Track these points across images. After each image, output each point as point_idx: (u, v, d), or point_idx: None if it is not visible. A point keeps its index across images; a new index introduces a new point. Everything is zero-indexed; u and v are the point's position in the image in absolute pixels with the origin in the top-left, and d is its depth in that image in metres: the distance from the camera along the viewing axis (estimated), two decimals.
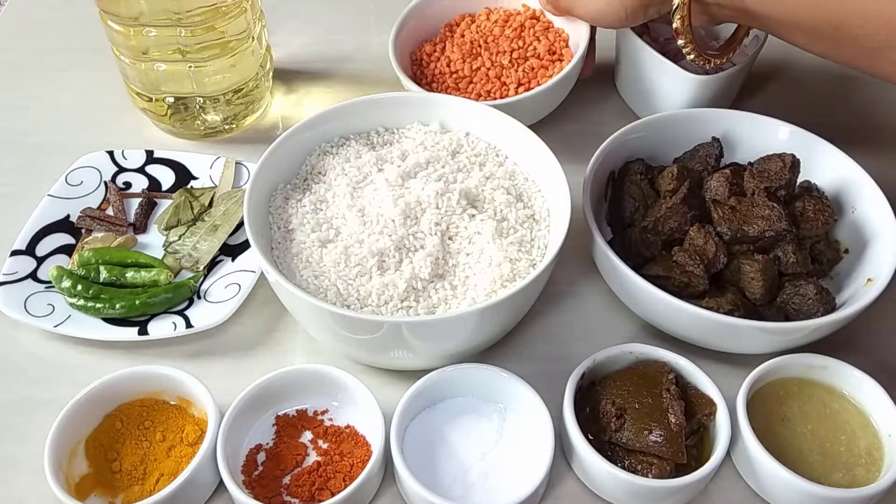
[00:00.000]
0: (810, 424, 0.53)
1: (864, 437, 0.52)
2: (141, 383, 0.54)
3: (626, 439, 0.51)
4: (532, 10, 0.78)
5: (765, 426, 0.52)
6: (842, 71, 0.84)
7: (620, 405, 0.52)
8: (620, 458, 0.51)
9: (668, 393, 0.51)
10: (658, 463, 0.50)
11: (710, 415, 0.52)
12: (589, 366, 0.53)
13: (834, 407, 0.54)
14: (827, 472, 0.51)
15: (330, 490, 0.50)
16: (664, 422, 0.50)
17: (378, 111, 0.65)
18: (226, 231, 0.65)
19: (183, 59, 0.69)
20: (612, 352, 0.54)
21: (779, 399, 0.54)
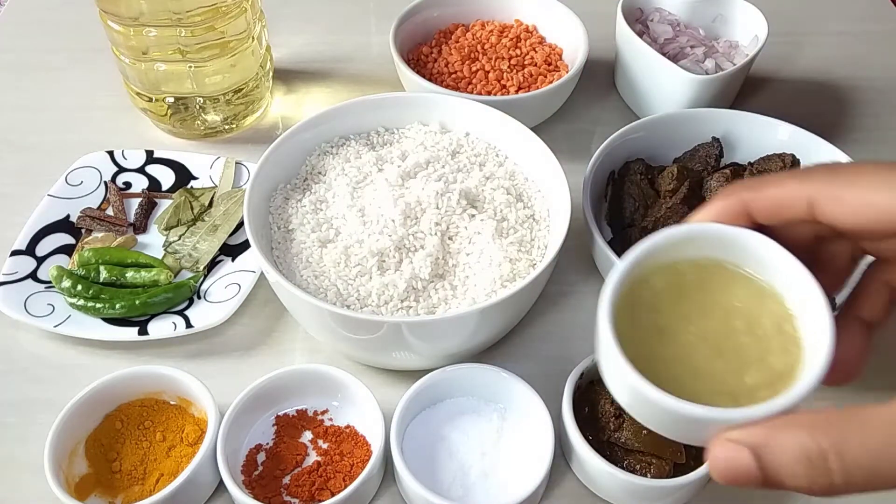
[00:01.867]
0: (692, 325, 0.37)
1: (765, 311, 0.37)
2: (141, 383, 0.54)
3: (624, 439, 0.50)
4: (525, 24, 0.79)
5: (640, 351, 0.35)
6: (842, 71, 0.85)
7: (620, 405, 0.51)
8: (619, 458, 0.51)
9: None
10: (657, 462, 0.50)
11: None
12: (588, 365, 0.53)
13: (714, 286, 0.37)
14: (737, 378, 0.35)
15: (330, 490, 0.50)
16: None
17: (378, 111, 0.65)
18: (226, 231, 0.65)
19: (183, 59, 0.69)
20: None
21: (646, 307, 0.37)
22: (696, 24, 0.79)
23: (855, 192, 0.30)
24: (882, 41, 0.89)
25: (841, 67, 0.85)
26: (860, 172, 0.30)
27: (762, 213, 0.34)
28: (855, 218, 0.30)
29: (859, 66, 0.85)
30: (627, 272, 0.36)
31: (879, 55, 0.87)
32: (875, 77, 0.84)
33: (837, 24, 0.92)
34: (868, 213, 0.30)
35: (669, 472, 0.50)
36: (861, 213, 0.30)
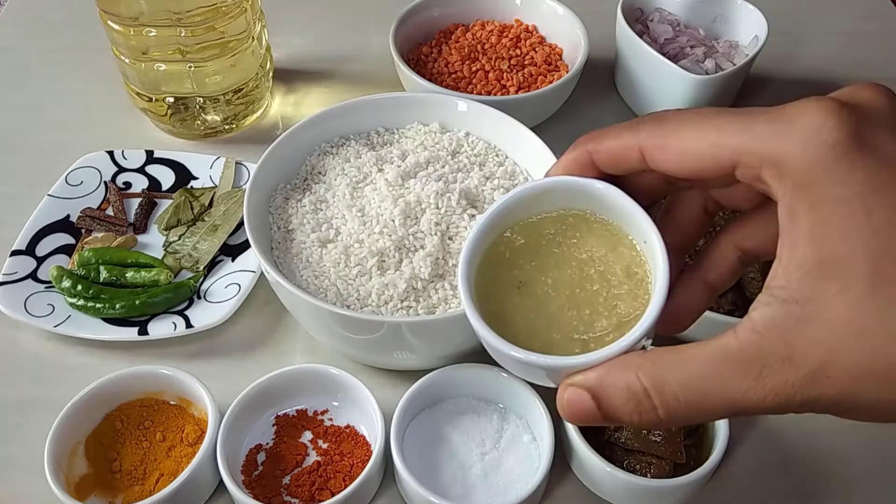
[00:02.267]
0: (548, 277, 0.37)
1: (616, 258, 0.36)
2: (141, 383, 0.54)
3: (624, 439, 0.51)
4: (525, 24, 0.79)
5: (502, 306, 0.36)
6: (842, 71, 0.85)
7: None
8: (619, 458, 0.51)
9: None
10: (657, 462, 0.50)
11: None
12: None
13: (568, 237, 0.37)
14: (588, 325, 0.35)
15: (330, 490, 0.50)
16: None
17: (378, 111, 0.65)
18: (226, 231, 0.65)
19: (183, 59, 0.69)
20: None
21: (506, 263, 0.37)
22: (696, 24, 0.79)
23: (677, 139, 0.31)
24: (882, 41, 0.89)
25: (841, 67, 0.85)
26: (685, 120, 0.31)
27: (604, 164, 0.35)
28: (678, 165, 0.31)
29: (859, 66, 0.85)
30: (484, 231, 0.36)
31: (879, 55, 0.87)
32: (875, 77, 0.83)
33: (837, 24, 0.92)
34: (689, 160, 0.31)
35: (669, 472, 0.50)
36: (683, 159, 0.31)
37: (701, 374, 0.30)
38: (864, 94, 0.30)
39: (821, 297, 0.28)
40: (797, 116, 0.29)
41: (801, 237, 0.29)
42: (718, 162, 0.30)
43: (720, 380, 0.29)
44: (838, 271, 0.28)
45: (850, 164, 0.28)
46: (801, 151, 0.28)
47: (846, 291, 0.28)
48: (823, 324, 0.28)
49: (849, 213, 0.28)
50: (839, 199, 0.28)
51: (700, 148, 0.31)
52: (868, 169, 0.28)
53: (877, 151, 0.28)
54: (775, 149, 0.29)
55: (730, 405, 0.29)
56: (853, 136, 0.28)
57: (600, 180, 0.36)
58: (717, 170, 0.31)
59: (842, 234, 0.28)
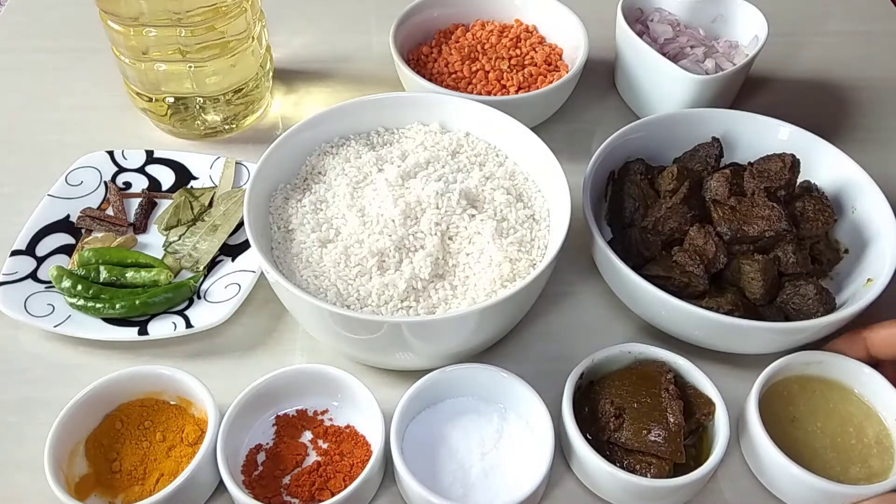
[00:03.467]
0: (819, 422, 0.53)
1: (870, 426, 0.53)
2: (141, 383, 0.54)
3: (624, 439, 0.50)
4: (525, 24, 0.79)
5: (776, 428, 0.52)
6: (842, 71, 0.85)
7: (619, 405, 0.51)
8: (619, 458, 0.51)
9: (667, 393, 0.51)
10: (657, 463, 0.50)
11: (708, 414, 0.51)
12: (588, 365, 0.53)
13: (835, 400, 0.54)
14: (844, 467, 0.51)
15: (330, 490, 0.50)
16: (663, 421, 0.50)
17: (378, 111, 0.65)
18: (226, 231, 0.65)
19: (183, 59, 0.69)
20: (611, 351, 0.54)
21: (784, 400, 0.54)
22: (696, 24, 0.79)
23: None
24: (882, 41, 0.89)
25: (841, 67, 0.85)
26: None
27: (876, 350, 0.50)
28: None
29: (859, 66, 0.85)
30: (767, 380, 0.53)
31: (879, 55, 0.87)
32: (875, 77, 0.84)
33: (837, 24, 0.92)
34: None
35: (669, 473, 0.50)
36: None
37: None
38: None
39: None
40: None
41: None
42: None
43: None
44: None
45: None
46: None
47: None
48: None
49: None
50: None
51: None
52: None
53: None
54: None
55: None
56: None
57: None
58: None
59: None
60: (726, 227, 0.58)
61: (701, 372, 0.53)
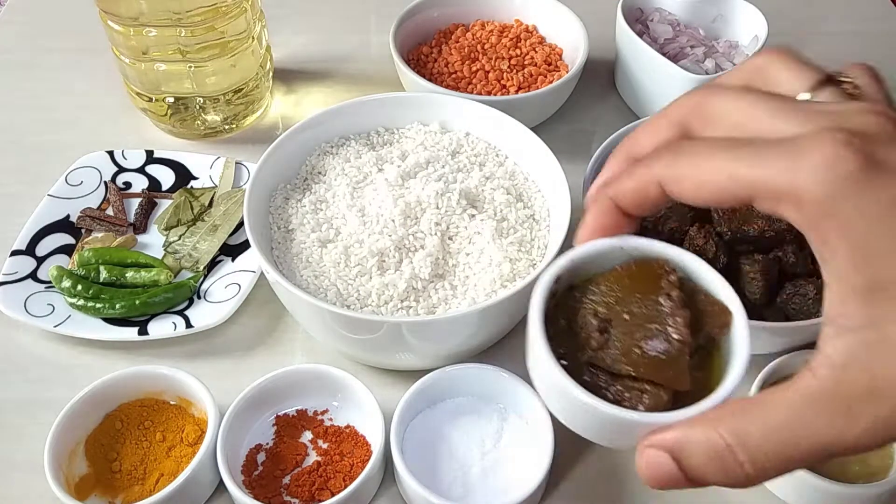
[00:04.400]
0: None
1: None
2: (141, 383, 0.54)
3: (610, 360, 0.36)
4: (525, 24, 0.79)
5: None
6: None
7: (605, 315, 0.37)
8: (603, 386, 0.37)
9: (669, 298, 0.37)
10: (652, 391, 0.36)
11: (723, 326, 0.36)
12: (565, 265, 0.36)
13: None
14: (843, 466, 0.51)
15: (330, 490, 0.50)
16: (662, 337, 0.37)
17: (378, 111, 0.65)
18: (226, 231, 0.65)
19: (183, 59, 0.69)
20: (597, 246, 0.37)
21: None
22: (696, 24, 0.79)
23: (693, 172, 0.32)
24: (882, 41, 0.89)
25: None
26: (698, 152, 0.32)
27: (629, 206, 0.35)
28: (696, 196, 0.32)
29: None
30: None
31: (879, 55, 0.87)
32: None
33: (837, 24, 0.92)
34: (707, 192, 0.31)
35: (668, 404, 0.36)
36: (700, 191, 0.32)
37: (786, 421, 0.29)
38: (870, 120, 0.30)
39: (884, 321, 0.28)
40: (811, 151, 0.29)
41: (844, 264, 0.29)
42: (735, 194, 0.30)
43: (808, 425, 0.28)
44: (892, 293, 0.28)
45: (871, 188, 0.28)
46: (821, 184, 0.28)
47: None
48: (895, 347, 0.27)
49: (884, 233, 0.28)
50: (869, 221, 0.28)
51: (717, 181, 0.31)
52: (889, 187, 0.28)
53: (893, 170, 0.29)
54: (793, 183, 0.29)
55: (823, 449, 0.28)
56: (869, 162, 0.28)
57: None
58: (735, 201, 0.31)
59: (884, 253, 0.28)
60: (726, 227, 0.58)
61: (715, 272, 0.37)
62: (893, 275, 0.28)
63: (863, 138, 0.29)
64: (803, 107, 0.31)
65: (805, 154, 0.29)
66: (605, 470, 0.54)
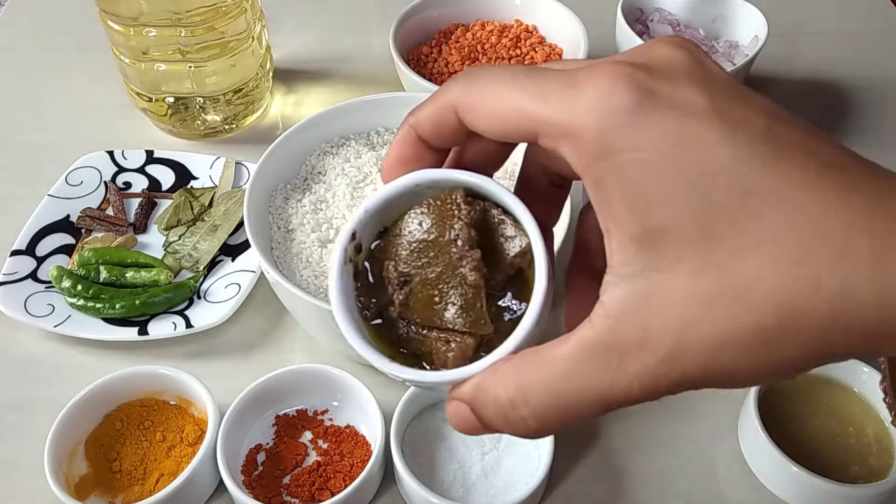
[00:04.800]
0: (818, 421, 0.53)
1: (870, 425, 0.53)
2: (141, 383, 0.54)
3: (415, 313, 0.33)
4: (525, 24, 0.79)
5: (776, 428, 0.52)
6: (842, 71, 0.85)
7: (404, 269, 0.34)
8: (416, 337, 0.33)
9: (458, 240, 0.32)
10: (456, 339, 0.32)
11: (524, 255, 0.33)
12: (361, 218, 0.33)
13: (835, 399, 0.54)
14: (843, 466, 0.51)
15: (330, 490, 0.50)
16: (457, 282, 0.33)
17: (378, 111, 0.64)
18: (226, 231, 0.65)
19: (183, 59, 0.69)
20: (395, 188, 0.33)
21: (784, 399, 0.54)
22: (696, 24, 0.79)
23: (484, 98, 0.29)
24: (882, 41, 0.89)
25: (841, 67, 0.85)
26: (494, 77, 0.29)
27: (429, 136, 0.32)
28: (486, 126, 0.29)
29: (859, 66, 0.85)
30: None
31: (879, 55, 0.87)
32: (875, 77, 0.84)
33: (837, 24, 0.92)
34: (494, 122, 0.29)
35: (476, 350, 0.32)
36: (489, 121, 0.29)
37: (564, 373, 0.27)
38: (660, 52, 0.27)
39: (659, 270, 0.26)
40: (586, 83, 0.26)
41: (619, 210, 0.26)
42: (521, 128, 0.28)
43: (584, 377, 0.27)
44: (667, 240, 0.26)
45: (646, 125, 0.25)
46: (594, 120, 0.26)
47: (681, 260, 0.25)
48: (669, 299, 0.25)
49: (658, 176, 0.25)
50: (644, 163, 0.25)
51: (503, 111, 0.28)
52: (667, 125, 0.25)
53: (675, 106, 0.25)
54: (568, 119, 0.26)
55: (600, 402, 0.27)
56: (647, 96, 0.25)
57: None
58: (522, 136, 0.28)
59: (658, 198, 0.25)
60: None
61: (512, 195, 0.32)
62: (665, 221, 0.25)
63: (646, 71, 0.26)
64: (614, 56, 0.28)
65: (581, 86, 0.26)
66: (605, 470, 0.54)
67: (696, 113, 0.25)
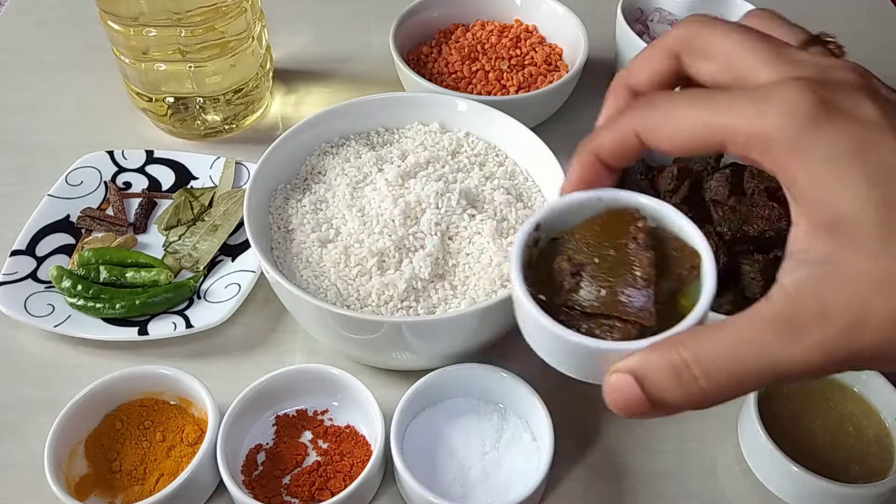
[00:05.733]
0: (818, 420, 0.53)
1: (869, 425, 0.53)
2: (141, 383, 0.54)
3: (582, 300, 0.38)
4: (525, 24, 0.79)
5: (776, 428, 0.52)
6: None
7: (577, 261, 0.40)
8: (577, 324, 0.38)
9: (636, 242, 0.39)
10: (621, 326, 0.38)
11: (693, 269, 0.38)
12: (545, 215, 0.39)
13: (835, 398, 0.54)
14: (843, 466, 0.51)
15: (330, 490, 0.50)
16: (628, 277, 0.38)
17: (378, 111, 0.65)
18: (226, 231, 0.65)
19: (183, 59, 0.69)
20: (576, 198, 0.40)
21: (784, 398, 0.54)
22: None
23: (669, 121, 0.34)
24: (882, 41, 0.89)
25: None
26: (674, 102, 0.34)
27: (610, 158, 0.38)
28: (672, 144, 0.34)
29: None
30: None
31: (879, 55, 0.87)
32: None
33: (837, 24, 0.91)
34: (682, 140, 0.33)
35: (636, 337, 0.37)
36: (676, 140, 0.34)
37: (738, 339, 0.30)
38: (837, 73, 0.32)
39: (840, 255, 0.30)
40: (774, 94, 0.31)
41: (807, 201, 0.31)
42: (709, 141, 0.32)
43: (759, 343, 0.30)
44: (849, 229, 0.29)
45: (831, 130, 0.30)
46: (784, 125, 0.30)
47: (860, 246, 0.29)
48: (848, 279, 0.29)
49: (843, 173, 0.29)
50: (830, 161, 0.30)
51: (692, 130, 0.33)
52: (849, 131, 0.30)
53: (854, 116, 0.30)
54: (760, 127, 0.31)
55: (772, 368, 0.30)
56: (829, 105, 0.30)
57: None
58: (709, 147, 0.33)
59: (841, 192, 0.29)
60: (726, 227, 0.58)
61: (686, 218, 0.40)
62: (849, 211, 0.29)
63: (826, 86, 0.31)
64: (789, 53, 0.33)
65: (771, 99, 0.31)
66: (605, 470, 0.54)
67: (872, 123, 0.30)
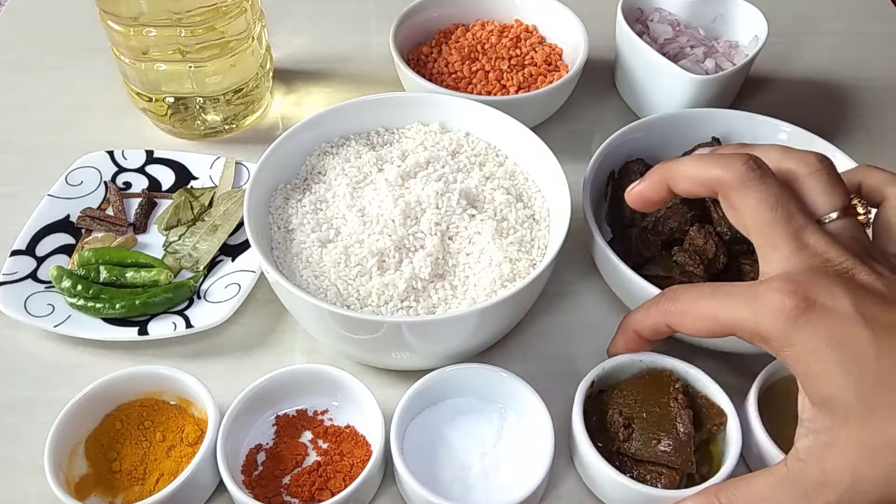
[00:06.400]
0: None
1: None
2: (141, 383, 0.54)
3: (634, 449, 0.50)
4: (525, 24, 0.79)
5: (776, 427, 0.52)
6: (842, 71, 0.85)
7: (628, 415, 0.51)
8: (629, 468, 0.50)
9: (676, 402, 0.51)
10: (667, 472, 0.49)
11: (720, 425, 0.51)
12: (599, 374, 0.53)
13: None
14: None
15: (330, 490, 0.50)
16: (672, 431, 0.50)
17: (378, 111, 0.65)
18: (226, 231, 0.65)
19: (183, 59, 0.69)
20: (621, 360, 0.53)
21: (784, 398, 0.54)
22: (696, 24, 0.79)
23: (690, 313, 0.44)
24: (882, 41, 0.89)
25: (841, 67, 0.85)
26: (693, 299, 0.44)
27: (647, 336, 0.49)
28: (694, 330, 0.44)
29: (859, 66, 0.85)
30: None
31: (879, 55, 0.87)
32: (875, 77, 0.84)
33: (837, 24, 0.92)
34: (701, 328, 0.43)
35: (680, 482, 0.49)
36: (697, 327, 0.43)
37: (763, 496, 0.40)
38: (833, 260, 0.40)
39: (834, 428, 0.37)
40: (764, 297, 0.40)
41: (804, 384, 0.39)
42: (722, 330, 0.42)
43: (778, 500, 0.39)
44: (836, 407, 0.37)
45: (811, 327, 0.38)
46: (774, 323, 0.39)
47: (848, 422, 0.37)
48: (842, 449, 0.37)
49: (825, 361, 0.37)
50: (814, 352, 0.38)
51: (705, 323, 0.43)
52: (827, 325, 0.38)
53: (831, 311, 0.38)
54: (756, 325, 0.40)
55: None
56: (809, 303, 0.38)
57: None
58: (723, 334, 0.42)
59: (827, 379, 0.37)
60: (726, 227, 0.58)
61: (712, 381, 0.52)
62: (833, 394, 0.37)
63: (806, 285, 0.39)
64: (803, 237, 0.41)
65: (761, 301, 0.40)
66: None
67: (847, 316, 0.38)
